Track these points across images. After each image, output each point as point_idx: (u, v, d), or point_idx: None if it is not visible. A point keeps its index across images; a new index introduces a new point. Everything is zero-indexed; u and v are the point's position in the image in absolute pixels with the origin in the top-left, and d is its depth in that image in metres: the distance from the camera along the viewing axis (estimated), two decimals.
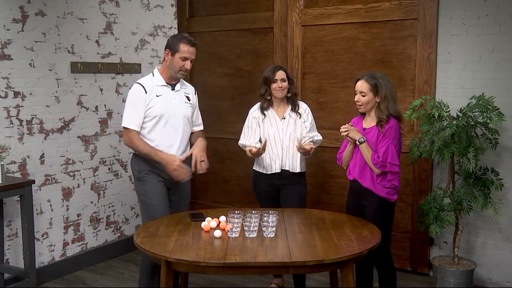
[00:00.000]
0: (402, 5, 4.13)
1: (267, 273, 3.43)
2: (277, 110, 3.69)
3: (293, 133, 3.64)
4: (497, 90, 3.81)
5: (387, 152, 3.17)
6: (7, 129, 3.83)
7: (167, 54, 3.33)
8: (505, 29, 3.78)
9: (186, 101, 3.44)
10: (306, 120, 3.66)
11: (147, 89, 3.32)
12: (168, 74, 3.38)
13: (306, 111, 3.69)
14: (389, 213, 3.33)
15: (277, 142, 3.64)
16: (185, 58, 3.31)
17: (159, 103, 3.32)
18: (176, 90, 3.41)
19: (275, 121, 3.67)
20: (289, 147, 3.63)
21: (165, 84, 3.38)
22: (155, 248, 2.68)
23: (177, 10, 5.24)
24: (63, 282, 4.16)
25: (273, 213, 2.96)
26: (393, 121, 3.23)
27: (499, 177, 3.73)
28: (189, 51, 3.31)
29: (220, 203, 5.13)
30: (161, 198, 3.35)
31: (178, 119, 3.38)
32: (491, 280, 4.00)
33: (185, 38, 3.34)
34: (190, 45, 3.32)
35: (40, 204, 4.09)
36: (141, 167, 3.38)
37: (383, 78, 3.25)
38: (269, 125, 3.67)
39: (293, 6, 4.62)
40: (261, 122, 3.69)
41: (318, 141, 3.71)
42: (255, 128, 3.70)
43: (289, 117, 3.66)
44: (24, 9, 3.87)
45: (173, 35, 3.50)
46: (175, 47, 3.30)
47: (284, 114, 3.67)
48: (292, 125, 3.65)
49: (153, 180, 3.35)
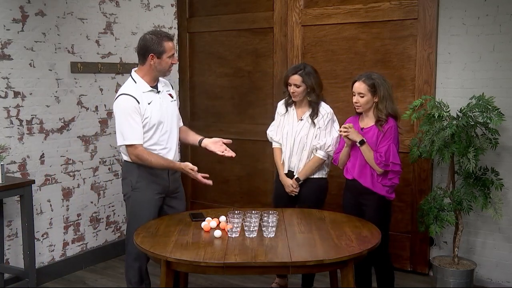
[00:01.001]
0: (402, 5, 4.13)
1: (267, 273, 3.42)
2: (298, 110, 3.64)
3: (304, 138, 3.58)
4: (497, 90, 3.81)
5: (388, 152, 3.22)
6: (7, 129, 3.83)
7: (152, 58, 3.11)
8: (505, 29, 3.78)
9: (171, 100, 3.31)
10: (319, 127, 3.56)
11: (138, 99, 3.11)
12: (151, 76, 3.18)
13: (324, 116, 3.56)
14: (388, 211, 3.39)
15: (288, 142, 3.62)
16: (172, 55, 3.17)
17: (153, 111, 3.14)
18: (160, 91, 3.25)
19: (292, 121, 3.63)
20: (297, 151, 3.60)
21: (150, 89, 3.18)
22: (155, 248, 2.67)
23: (177, 10, 5.24)
24: (63, 282, 4.16)
25: (273, 213, 2.96)
26: (392, 121, 3.26)
27: (499, 177, 3.73)
28: (172, 46, 3.16)
29: (220, 203, 5.12)
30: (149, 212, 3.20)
31: (172, 122, 3.27)
32: (491, 280, 4.00)
33: (164, 35, 3.14)
34: (171, 40, 3.16)
35: (40, 204, 4.09)
36: (138, 178, 3.20)
37: (379, 78, 3.28)
38: (287, 123, 3.65)
39: (293, 6, 4.62)
40: (282, 117, 3.68)
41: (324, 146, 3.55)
42: (279, 123, 3.70)
43: (306, 120, 3.59)
44: (24, 9, 3.87)
45: (147, 38, 3.13)
46: (159, 48, 3.10)
47: (302, 115, 3.61)
48: (306, 129, 3.58)
49: (144, 195, 3.19)
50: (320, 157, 3.58)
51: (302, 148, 3.60)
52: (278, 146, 3.74)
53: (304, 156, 3.60)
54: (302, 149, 3.60)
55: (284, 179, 3.65)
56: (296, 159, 3.62)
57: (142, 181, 3.20)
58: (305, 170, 3.59)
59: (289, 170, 3.65)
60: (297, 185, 3.60)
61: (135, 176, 3.20)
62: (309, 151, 3.60)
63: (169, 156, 3.23)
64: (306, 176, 3.59)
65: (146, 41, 3.13)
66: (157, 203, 3.25)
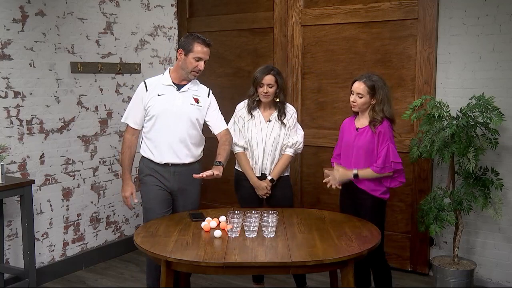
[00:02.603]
0: (402, 5, 4.13)
1: (267, 273, 3.43)
2: (264, 112, 3.61)
3: (277, 138, 3.56)
4: (497, 90, 3.81)
5: (388, 153, 3.24)
6: (7, 129, 3.83)
7: (180, 53, 3.25)
8: (505, 29, 3.78)
9: (192, 103, 3.32)
10: (289, 126, 3.57)
11: (149, 87, 3.28)
12: (179, 73, 3.30)
13: (292, 116, 3.60)
14: (383, 211, 3.41)
15: (259, 146, 3.58)
16: (199, 59, 3.22)
17: (158, 102, 3.26)
18: (183, 90, 3.31)
19: (260, 124, 3.59)
20: (271, 152, 3.57)
21: (171, 83, 3.29)
22: (155, 248, 2.67)
23: (177, 10, 5.24)
24: (63, 282, 4.16)
25: (273, 213, 2.96)
26: (386, 122, 3.29)
27: (499, 177, 3.73)
28: (203, 51, 3.23)
29: (220, 203, 5.13)
30: (156, 202, 3.31)
31: (178, 120, 3.27)
32: (491, 280, 4.00)
33: (199, 38, 3.24)
34: (205, 45, 3.24)
35: (40, 204, 4.09)
36: (142, 169, 3.39)
37: (380, 81, 3.30)
38: (254, 126, 3.59)
39: (293, 6, 4.62)
40: (246, 122, 3.62)
41: (295, 144, 3.58)
42: (241, 128, 3.63)
43: (274, 121, 3.58)
44: (24, 9, 3.87)
45: (187, 34, 3.36)
46: (189, 46, 3.22)
47: (270, 117, 3.59)
48: (277, 129, 3.57)
49: (149, 184, 3.33)
50: (290, 155, 3.61)
51: (275, 149, 3.58)
52: (242, 150, 3.65)
53: (276, 157, 3.59)
54: (275, 150, 3.58)
55: (257, 182, 3.58)
56: (268, 161, 3.58)
57: (145, 174, 3.36)
58: (278, 169, 3.57)
59: (262, 173, 3.59)
60: (270, 186, 3.57)
61: (140, 168, 3.40)
62: (280, 151, 3.60)
63: (157, 151, 3.29)
64: (279, 176, 3.59)
65: (183, 38, 3.32)
66: (163, 197, 3.33)
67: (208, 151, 3.61)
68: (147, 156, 3.35)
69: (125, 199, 3.38)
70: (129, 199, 3.36)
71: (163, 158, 3.30)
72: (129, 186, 3.36)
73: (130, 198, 3.36)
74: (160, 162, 3.30)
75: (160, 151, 3.29)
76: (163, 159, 3.30)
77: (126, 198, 3.37)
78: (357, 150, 3.33)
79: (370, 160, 3.28)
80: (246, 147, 3.64)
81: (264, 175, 3.61)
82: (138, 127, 3.34)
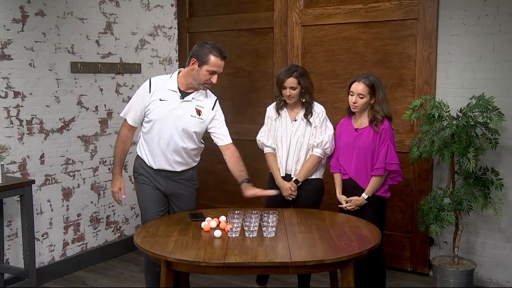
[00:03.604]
0: (402, 5, 4.13)
1: (267, 273, 3.43)
2: (290, 112, 3.57)
3: (301, 138, 3.51)
4: (497, 90, 3.81)
5: (387, 153, 3.25)
6: (7, 129, 3.83)
7: (194, 63, 3.06)
8: (505, 29, 3.78)
9: (193, 115, 3.17)
10: (316, 126, 3.50)
11: (152, 88, 3.15)
12: (188, 81, 3.13)
13: (319, 115, 3.51)
14: (384, 210, 3.45)
15: (283, 145, 3.55)
16: (213, 72, 3.06)
17: (158, 108, 3.14)
18: (186, 100, 3.15)
19: (286, 123, 3.56)
20: (295, 152, 3.53)
21: (176, 90, 3.14)
22: (155, 248, 2.67)
23: (177, 10, 5.24)
24: (63, 282, 4.16)
25: (273, 213, 2.96)
26: (386, 122, 3.31)
27: (499, 177, 3.73)
28: (219, 64, 3.06)
29: (220, 203, 5.12)
30: (150, 202, 3.29)
31: (175, 131, 3.15)
32: (491, 280, 4.00)
33: (216, 49, 3.06)
34: (221, 58, 3.06)
35: (40, 204, 4.09)
36: (137, 168, 3.36)
37: (377, 80, 3.35)
38: (280, 125, 3.58)
39: (293, 6, 4.62)
40: (273, 121, 3.61)
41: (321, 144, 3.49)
42: (270, 128, 3.63)
43: (300, 120, 3.53)
44: (24, 9, 3.87)
45: (202, 43, 3.11)
46: (204, 58, 3.03)
47: (296, 116, 3.55)
48: (302, 128, 3.52)
49: (143, 183, 3.31)
50: (317, 155, 3.50)
51: (300, 149, 3.53)
52: (271, 151, 3.65)
53: (302, 157, 3.53)
54: (300, 150, 3.53)
55: (282, 182, 3.54)
56: (293, 161, 3.54)
57: (139, 173, 3.34)
58: (304, 171, 3.51)
59: (286, 174, 3.56)
60: (295, 187, 3.53)
61: (135, 166, 3.37)
62: (306, 151, 3.53)
63: (151, 156, 3.25)
64: (305, 177, 3.51)
65: (198, 46, 3.11)
66: (157, 197, 3.30)
67: (208, 150, 3.59)
68: (142, 157, 3.32)
69: (114, 194, 3.34)
70: (117, 194, 3.32)
71: (155, 164, 3.25)
72: (118, 181, 3.32)
73: (118, 193, 3.32)
74: (152, 167, 3.27)
75: (153, 156, 3.24)
76: (155, 165, 3.25)
77: (115, 193, 3.33)
78: (357, 151, 3.33)
79: (371, 160, 3.28)
80: (275, 147, 3.63)
81: (288, 175, 3.55)
82: (136, 125, 3.30)
